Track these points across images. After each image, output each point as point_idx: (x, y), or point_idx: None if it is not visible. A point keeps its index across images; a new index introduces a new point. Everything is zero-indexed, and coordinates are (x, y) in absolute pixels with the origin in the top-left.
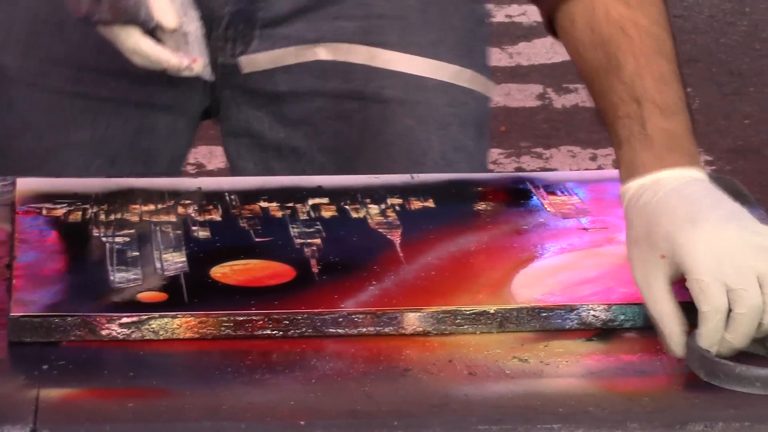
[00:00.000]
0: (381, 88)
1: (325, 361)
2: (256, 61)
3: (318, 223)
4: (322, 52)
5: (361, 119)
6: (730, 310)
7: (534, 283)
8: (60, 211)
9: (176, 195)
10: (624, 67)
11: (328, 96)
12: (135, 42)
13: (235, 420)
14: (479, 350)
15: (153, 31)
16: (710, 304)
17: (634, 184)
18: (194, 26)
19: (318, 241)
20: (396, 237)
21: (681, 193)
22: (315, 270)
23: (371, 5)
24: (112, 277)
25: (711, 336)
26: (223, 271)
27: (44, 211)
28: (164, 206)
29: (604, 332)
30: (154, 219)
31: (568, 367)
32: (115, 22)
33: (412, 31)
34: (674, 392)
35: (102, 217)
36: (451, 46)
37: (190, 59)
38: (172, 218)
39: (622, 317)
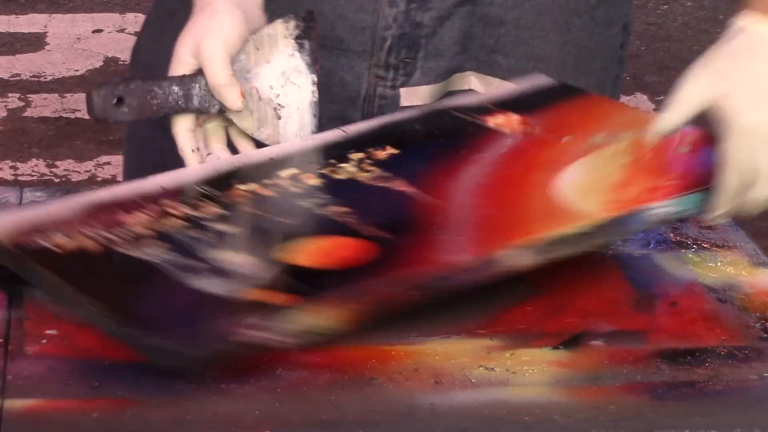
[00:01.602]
0: None
1: (291, 370)
2: (417, 93)
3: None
4: (475, 82)
5: None
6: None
7: (586, 195)
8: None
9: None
10: None
11: None
12: (174, 132)
13: (201, 430)
14: (445, 359)
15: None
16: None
17: (741, 16)
18: (297, 96)
19: (347, 209)
20: (404, 187)
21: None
22: (387, 236)
23: (532, 45)
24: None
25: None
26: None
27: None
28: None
29: (570, 341)
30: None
31: (533, 376)
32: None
33: (567, 78)
34: (640, 400)
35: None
36: (586, 86)
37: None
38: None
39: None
